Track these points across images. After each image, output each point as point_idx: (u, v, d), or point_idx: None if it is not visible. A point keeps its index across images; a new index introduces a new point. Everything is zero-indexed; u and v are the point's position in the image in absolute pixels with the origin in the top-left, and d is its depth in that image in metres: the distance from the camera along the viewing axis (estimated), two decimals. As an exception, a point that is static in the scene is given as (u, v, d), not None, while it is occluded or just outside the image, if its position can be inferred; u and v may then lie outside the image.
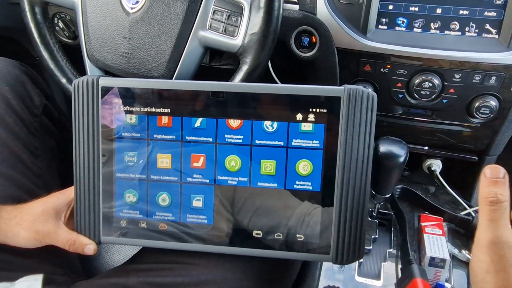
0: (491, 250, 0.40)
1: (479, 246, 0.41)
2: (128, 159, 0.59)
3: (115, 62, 0.69)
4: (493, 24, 0.73)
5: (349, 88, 0.54)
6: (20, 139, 0.68)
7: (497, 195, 0.40)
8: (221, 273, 0.58)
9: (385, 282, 0.72)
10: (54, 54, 0.74)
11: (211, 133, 0.57)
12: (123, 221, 0.60)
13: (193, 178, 0.58)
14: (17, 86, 0.71)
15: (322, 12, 0.76)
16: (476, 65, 0.73)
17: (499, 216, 0.40)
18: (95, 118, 0.58)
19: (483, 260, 0.40)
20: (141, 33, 0.66)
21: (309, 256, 0.58)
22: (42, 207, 0.59)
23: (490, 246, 0.40)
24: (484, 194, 0.41)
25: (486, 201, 0.40)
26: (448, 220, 0.81)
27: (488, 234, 0.40)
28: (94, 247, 0.60)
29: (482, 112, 0.76)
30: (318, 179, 0.56)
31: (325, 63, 0.80)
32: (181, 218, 0.59)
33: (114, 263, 0.80)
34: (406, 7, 0.75)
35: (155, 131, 0.58)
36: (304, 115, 0.55)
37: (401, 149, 0.66)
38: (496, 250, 0.39)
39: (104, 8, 0.68)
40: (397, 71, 0.77)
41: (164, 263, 0.61)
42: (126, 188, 0.60)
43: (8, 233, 0.58)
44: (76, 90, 0.58)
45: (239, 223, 0.58)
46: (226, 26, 0.65)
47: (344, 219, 0.55)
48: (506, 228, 0.40)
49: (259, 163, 0.57)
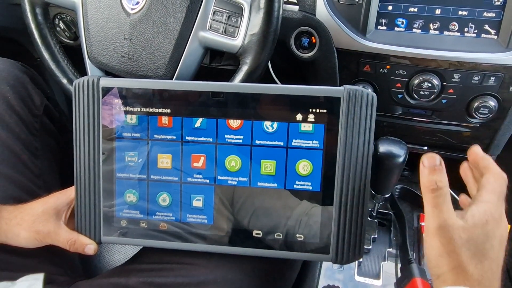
0: (439, 235, 0.41)
1: (428, 233, 0.43)
2: (129, 159, 0.59)
3: (115, 62, 0.69)
4: (492, 24, 0.73)
5: (349, 89, 0.54)
6: (20, 139, 0.68)
7: (436, 182, 0.42)
8: (221, 273, 0.59)
9: (385, 282, 0.72)
10: (55, 54, 0.74)
11: (211, 133, 0.57)
12: (124, 221, 0.60)
13: (194, 178, 0.58)
14: (18, 86, 0.71)
15: (321, 13, 0.76)
16: (475, 65, 0.73)
17: (442, 201, 0.42)
18: (96, 118, 0.58)
19: (434, 246, 0.42)
20: (141, 33, 0.67)
21: (309, 256, 0.58)
22: (43, 207, 0.59)
23: (438, 231, 0.42)
24: (425, 183, 0.43)
25: (427, 190, 0.43)
26: (448, 220, 0.81)
27: (434, 220, 0.42)
28: (94, 247, 0.61)
29: (482, 112, 0.76)
30: (318, 179, 0.56)
31: (325, 63, 0.80)
32: (182, 218, 0.59)
33: (115, 263, 0.80)
34: (405, 8, 0.75)
35: (155, 131, 0.58)
36: (304, 116, 0.55)
37: (401, 149, 0.66)
38: (444, 233, 0.41)
39: (104, 8, 0.68)
40: (397, 71, 0.77)
41: (164, 263, 0.61)
42: (127, 188, 0.60)
43: (8, 233, 0.58)
44: (76, 90, 0.58)
45: (239, 223, 0.58)
46: (226, 26, 0.65)
47: (344, 219, 0.56)
48: (449, 212, 0.42)
49: (259, 163, 0.57)
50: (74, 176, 0.60)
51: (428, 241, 0.43)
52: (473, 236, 0.41)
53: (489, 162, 0.46)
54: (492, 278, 0.40)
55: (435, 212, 0.42)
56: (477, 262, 0.40)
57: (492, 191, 0.43)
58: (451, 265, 0.41)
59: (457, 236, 0.41)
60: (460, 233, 0.41)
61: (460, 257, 0.40)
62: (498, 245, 0.41)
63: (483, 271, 0.40)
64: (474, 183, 0.50)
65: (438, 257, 0.41)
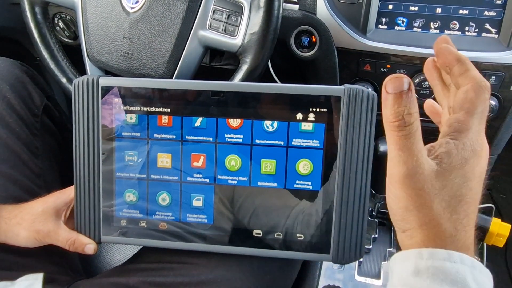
0: (406, 185, 0.32)
1: (392, 181, 0.34)
2: (128, 158, 0.59)
3: (115, 61, 0.69)
4: (492, 23, 0.73)
5: (349, 88, 0.54)
6: (20, 139, 0.68)
7: (404, 115, 0.31)
8: (221, 273, 0.58)
9: (385, 282, 0.72)
10: (54, 54, 0.74)
11: (211, 132, 0.57)
12: (123, 220, 0.60)
13: (193, 177, 0.58)
14: (18, 86, 0.71)
15: (322, 12, 0.76)
16: (476, 64, 0.72)
17: (411, 143, 0.32)
18: (95, 117, 0.58)
19: (400, 197, 0.33)
20: (141, 32, 0.67)
21: (309, 256, 0.58)
22: (42, 207, 0.59)
23: (405, 180, 0.32)
24: (389, 117, 0.32)
25: (392, 126, 0.32)
26: (448, 220, 0.81)
27: (401, 166, 0.32)
28: (94, 246, 0.60)
29: (482, 111, 0.76)
30: (318, 179, 0.56)
31: (325, 62, 0.80)
32: (181, 217, 0.59)
33: (115, 262, 0.80)
34: (406, 7, 0.75)
35: (155, 131, 0.58)
36: (304, 115, 0.55)
37: (401, 149, 0.66)
38: (413, 184, 0.32)
39: (104, 8, 0.68)
40: (397, 70, 0.77)
41: (164, 263, 0.61)
42: (126, 187, 0.60)
43: (8, 233, 0.58)
44: (76, 89, 0.58)
45: (239, 222, 0.58)
46: (226, 25, 0.65)
47: (344, 219, 0.55)
48: (420, 155, 0.32)
49: (259, 162, 0.57)
50: (73, 175, 0.60)
51: (393, 190, 0.34)
52: (449, 183, 0.32)
53: (467, 67, 0.34)
54: (467, 225, 0.33)
55: (402, 157, 0.32)
56: (451, 212, 0.32)
57: (473, 112, 0.33)
58: (420, 221, 0.33)
59: (429, 185, 0.32)
60: (433, 181, 0.32)
61: (432, 211, 0.32)
62: (478, 183, 0.33)
63: (458, 221, 0.32)
64: (444, 90, 0.39)
65: (405, 211, 0.33)
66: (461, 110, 0.33)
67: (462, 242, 0.32)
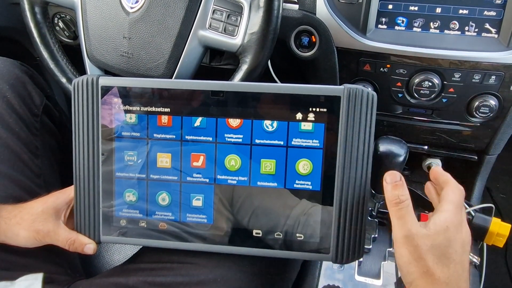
0: (406, 243, 0.45)
1: (396, 243, 0.46)
2: (128, 158, 0.59)
3: (115, 61, 0.69)
4: (492, 23, 0.73)
5: (349, 88, 0.54)
6: (20, 138, 0.68)
7: (399, 196, 0.47)
8: (221, 273, 0.59)
9: (385, 282, 0.72)
10: (54, 53, 0.74)
11: (211, 132, 0.57)
12: (123, 220, 0.60)
13: (193, 177, 0.58)
14: (18, 86, 0.71)
15: (321, 12, 0.76)
16: (476, 64, 0.73)
17: (405, 213, 0.46)
18: (95, 117, 0.58)
19: (403, 254, 0.45)
20: (140, 32, 0.67)
21: (309, 256, 0.58)
22: (42, 207, 0.59)
23: (404, 240, 0.45)
24: (389, 198, 0.47)
25: (392, 204, 0.47)
26: (448, 219, 0.81)
27: (400, 230, 0.46)
28: (94, 246, 0.60)
29: (482, 111, 0.76)
30: (318, 179, 0.56)
31: (325, 62, 0.80)
32: (181, 217, 0.59)
33: (114, 262, 0.80)
34: (405, 7, 0.75)
35: (155, 131, 0.58)
36: (304, 115, 0.55)
37: (401, 149, 0.66)
38: (410, 242, 0.45)
39: (104, 7, 0.68)
40: (397, 70, 0.77)
41: (164, 263, 0.61)
42: (126, 187, 0.60)
43: (8, 233, 0.58)
44: (75, 89, 0.58)
45: (239, 222, 0.58)
46: (225, 25, 0.65)
47: (344, 219, 0.55)
48: (413, 221, 0.46)
49: (259, 162, 0.57)
50: (73, 175, 0.60)
51: (398, 250, 0.46)
52: (437, 242, 0.44)
53: (447, 177, 0.51)
54: (458, 280, 0.44)
55: (400, 223, 0.46)
56: (443, 266, 0.44)
57: (451, 201, 0.47)
58: (420, 271, 0.44)
59: (422, 243, 0.44)
60: (425, 240, 0.44)
61: (427, 263, 0.44)
62: (461, 249, 0.45)
63: (449, 274, 0.43)
64: (437, 197, 0.53)
65: (408, 265, 0.45)
66: (442, 200, 0.48)
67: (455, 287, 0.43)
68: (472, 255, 0.74)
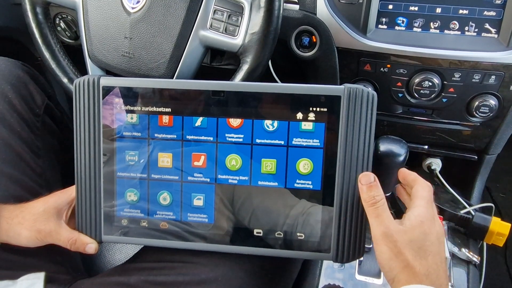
0: (385, 240, 0.47)
1: (376, 241, 0.48)
2: (129, 158, 0.59)
3: (116, 61, 0.70)
4: (492, 23, 0.73)
5: (349, 87, 0.54)
6: (22, 138, 0.68)
7: (374, 197, 0.49)
8: (222, 272, 0.59)
9: (385, 281, 0.72)
10: (55, 54, 0.74)
11: (211, 132, 0.57)
12: (124, 220, 0.61)
13: (194, 177, 0.58)
14: (19, 86, 0.71)
15: (322, 12, 0.76)
16: (476, 64, 0.73)
17: (381, 211, 0.48)
18: (96, 117, 0.58)
19: (383, 251, 0.47)
20: (142, 32, 0.67)
21: (309, 255, 0.59)
22: (44, 207, 0.59)
23: (383, 237, 0.47)
24: (366, 199, 0.50)
25: (368, 204, 0.50)
26: (448, 219, 0.81)
27: (378, 228, 0.48)
28: (95, 246, 0.61)
29: (482, 111, 0.77)
30: (319, 178, 0.56)
31: (325, 62, 0.80)
32: (182, 217, 0.59)
33: (116, 261, 0.80)
34: (406, 7, 0.75)
35: (156, 131, 0.58)
36: (304, 114, 0.55)
37: (401, 148, 0.66)
38: (389, 238, 0.47)
39: (105, 8, 0.68)
40: (397, 70, 0.77)
41: (165, 262, 0.61)
42: (127, 187, 0.60)
43: (9, 232, 0.58)
44: (77, 89, 0.58)
45: (240, 222, 0.59)
46: (226, 25, 0.66)
47: (344, 218, 0.56)
48: (390, 219, 0.48)
49: (260, 162, 0.57)
50: (75, 175, 0.60)
51: (378, 248, 0.48)
52: (413, 237, 0.46)
53: (415, 176, 0.54)
54: (437, 270, 0.46)
55: (377, 221, 0.48)
56: (421, 259, 0.46)
57: (421, 197, 0.50)
58: (400, 266, 0.46)
59: (400, 238, 0.46)
60: (402, 235, 0.46)
61: (407, 257, 0.45)
62: (437, 241, 0.47)
63: (428, 266, 0.45)
64: (408, 197, 0.55)
65: (389, 261, 0.46)
66: (413, 197, 0.51)
67: (434, 281, 0.45)
68: (472, 254, 0.74)
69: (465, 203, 0.85)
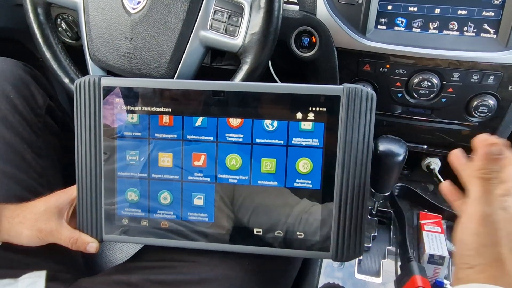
0: (486, 222, 0.38)
1: (471, 219, 0.39)
2: (130, 158, 0.60)
3: (117, 62, 0.70)
4: (491, 24, 0.73)
5: (349, 87, 0.54)
6: (24, 138, 0.69)
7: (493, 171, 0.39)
8: (222, 271, 0.59)
9: (385, 280, 0.72)
10: (56, 54, 0.74)
11: (212, 132, 0.57)
12: (125, 219, 0.61)
13: (194, 176, 0.59)
14: (21, 86, 0.71)
15: (321, 13, 0.76)
16: (475, 64, 0.73)
17: (493, 189, 0.39)
18: (97, 117, 0.59)
19: (479, 233, 0.39)
20: (142, 33, 0.67)
21: (309, 254, 0.59)
22: (45, 206, 0.59)
23: (485, 218, 0.39)
24: (481, 168, 0.40)
25: (481, 173, 0.40)
26: (447, 218, 0.81)
27: (481, 206, 0.39)
28: (96, 245, 0.61)
29: (481, 111, 0.77)
30: (318, 177, 0.57)
31: (325, 63, 0.80)
32: (183, 216, 0.60)
33: (117, 260, 0.81)
34: (405, 7, 0.76)
35: (156, 130, 0.59)
36: (304, 114, 0.55)
37: (400, 148, 0.66)
38: (491, 222, 0.38)
39: (106, 8, 0.69)
40: (396, 70, 0.77)
41: (166, 261, 0.62)
42: (128, 186, 0.60)
43: (11, 232, 0.58)
44: (78, 89, 0.59)
45: (240, 221, 0.59)
46: (226, 26, 0.66)
47: (343, 217, 0.56)
48: (499, 202, 0.39)
49: (260, 161, 0.57)
50: (75, 174, 0.60)
51: (471, 227, 0.39)
52: None
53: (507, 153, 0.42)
54: None
55: (484, 198, 0.39)
56: None
57: None
58: (492, 257, 0.38)
59: (502, 227, 0.38)
60: (505, 223, 0.38)
61: (502, 250, 0.37)
62: None
63: None
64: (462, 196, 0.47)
65: (481, 247, 0.38)
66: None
67: None
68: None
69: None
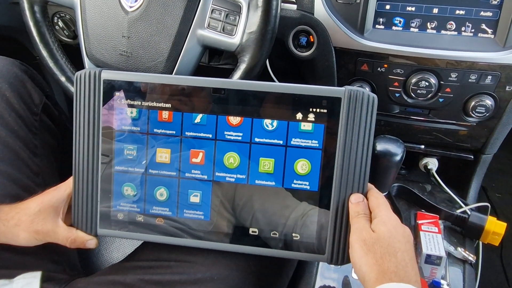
0: (358, 240, 0.51)
1: (352, 244, 0.52)
2: (128, 152, 0.59)
3: (114, 60, 0.70)
4: (489, 24, 0.73)
5: (350, 89, 0.54)
6: (20, 137, 0.68)
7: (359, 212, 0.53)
8: (218, 271, 0.59)
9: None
10: (53, 52, 0.74)
11: (211, 129, 0.57)
12: (120, 214, 0.60)
13: (192, 173, 0.58)
14: (17, 85, 0.71)
15: (319, 12, 0.76)
16: (472, 64, 0.73)
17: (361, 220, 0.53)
18: (96, 110, 0.58)
19: (355, 250, 0.50)
20: (139, 31, 0.67)
21: (304, 256, 0.58)
22: (39, 206, 0.58)
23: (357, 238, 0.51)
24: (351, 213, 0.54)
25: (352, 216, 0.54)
26: (444, 218, 0.81)
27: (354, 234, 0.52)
28: (95, 241, 0.61)
29: (478, 111, 0.77)
30: (316, 179, 0.56)
31: (323, 62, 0.80)
32: (178, 213, 0.59)
33: (113, 260, 0.80)
34: (403, 7, 0.76)
35: (155, 126, 0.58)
36: (304, 115, 0.55)
37: (398, 148, 0.66)
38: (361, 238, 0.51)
39: (103, 6, 0.68)
40: (394, 70, 0.77)
41: (162, 261, 0.61)
42: (125, 181, 0.60)
43: (7, 234, 0.57)
44: (78, 82, 0.58)
45: (236, 220, 0.59)
46: (224, 25, 0.66)
47: (340, 220, 0.56)
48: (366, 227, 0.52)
49: (258, 161, 0.57)
50: (72, 168, 0.60)
51: (351, 250, 0.52)
52: (380, 235, 0.50)
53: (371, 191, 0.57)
54: (406, 267, 0.47)
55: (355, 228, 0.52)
56: (390, 256, 0.48)
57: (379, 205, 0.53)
58: (370, 263, 0.48)
59: (369, 237, 0.50)
60: (371, 235, 0.50)
61: (375, 254, 0.48)
62: (404, 239, 0.50)
63: (397, 263, 0.47)
64: None
65: (360, 259, 0.49)
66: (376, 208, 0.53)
67: (403, 277, 0.46)
68: (468, 254, 0.75)
69: (461, 202, 0.86)
